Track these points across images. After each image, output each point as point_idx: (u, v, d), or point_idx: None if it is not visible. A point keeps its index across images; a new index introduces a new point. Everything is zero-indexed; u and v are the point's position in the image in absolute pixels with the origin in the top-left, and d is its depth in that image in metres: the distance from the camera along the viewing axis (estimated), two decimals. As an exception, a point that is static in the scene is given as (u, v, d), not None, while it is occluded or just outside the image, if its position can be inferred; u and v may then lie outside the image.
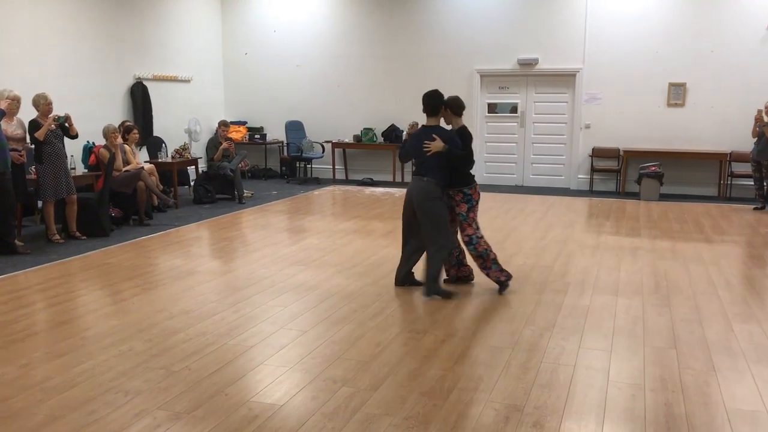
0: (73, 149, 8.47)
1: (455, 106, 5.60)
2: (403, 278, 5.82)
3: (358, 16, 12.89)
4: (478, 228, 5.64)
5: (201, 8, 13.00)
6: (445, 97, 5.58)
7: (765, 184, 9.89)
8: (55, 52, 9.77)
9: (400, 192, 11.65)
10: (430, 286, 5.48)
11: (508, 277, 5.70)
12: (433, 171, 5.41)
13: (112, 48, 10.77)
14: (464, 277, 5.96)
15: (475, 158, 5.69)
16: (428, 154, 5.37)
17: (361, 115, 13.16)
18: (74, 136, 7.70)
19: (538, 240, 7.74)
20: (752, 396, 3.73)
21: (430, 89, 5.55)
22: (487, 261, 5.63)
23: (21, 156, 7.27)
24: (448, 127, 5.65)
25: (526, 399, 3.66)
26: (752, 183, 10.36)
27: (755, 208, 10.03)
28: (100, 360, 4.17)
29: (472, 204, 5.60)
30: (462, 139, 5.50)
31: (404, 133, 12.14)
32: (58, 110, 7.58)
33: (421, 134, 5.53)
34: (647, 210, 9.94)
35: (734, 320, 5.02)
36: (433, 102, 5.49)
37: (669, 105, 11.51)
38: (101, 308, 5.20)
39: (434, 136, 5.39)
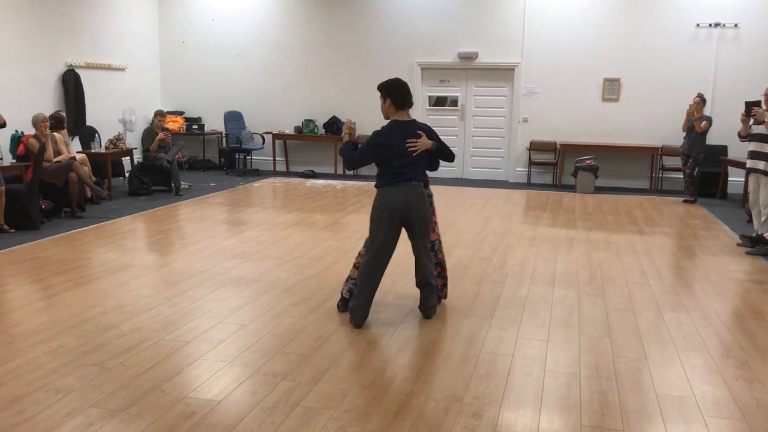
0: (0, 139, 8.14)
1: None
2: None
3: (298, 5, 12.76)
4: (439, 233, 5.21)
5: (136, -6, 12.65)
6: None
7: (688, 173, 10.14)
8: (-20, 37, 9.37)
9: (342, 184, 11.61)
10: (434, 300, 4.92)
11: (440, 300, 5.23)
12: (420, 174, 4.71)
13: (43, 34, 10.36)
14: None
15: None
16: (415, 154, 4.62)
17: (302, 106, 13.05)
18: (1, 125, 7.40)
19: (478, 232, 7.83)
20: (681, 381, 3.86)
21: (392, 78, 4.72)
22: (444, 271, 5.17)
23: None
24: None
25: (466, 389, 3.70)
26: (681, 176, 10.72)
27: (685, 201, 10.39)
28: (29, 357, 4.02)
29: (432, 207, 5.12)
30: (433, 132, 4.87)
31: (344, 134, 11.24)
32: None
33: (399, 132, 4.64)
34: (583, 202, 10.18)
35: (664, 309, 5.19)
36: (404, 92, 4.65)
37: (604, 100, 11.79)
38: (30, 304, 5.02)
39: (419, 132, 4.66)
